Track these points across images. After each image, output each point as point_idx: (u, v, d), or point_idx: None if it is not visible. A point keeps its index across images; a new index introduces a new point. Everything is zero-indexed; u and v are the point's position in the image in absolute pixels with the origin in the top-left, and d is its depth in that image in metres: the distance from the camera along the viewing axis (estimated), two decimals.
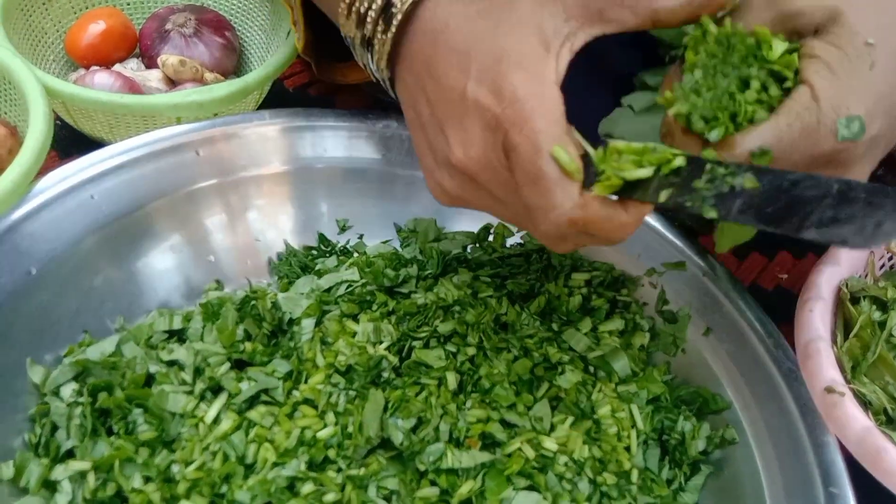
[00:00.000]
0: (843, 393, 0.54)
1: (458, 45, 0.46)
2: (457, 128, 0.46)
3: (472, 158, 0.46)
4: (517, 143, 0.43)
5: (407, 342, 0.59)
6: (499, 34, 0.45)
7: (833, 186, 0.38)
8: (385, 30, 0.49)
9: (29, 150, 0.60)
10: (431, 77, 0.47)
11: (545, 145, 0.43)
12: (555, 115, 0.44)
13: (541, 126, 0.43)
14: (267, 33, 0.88)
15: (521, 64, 0.44)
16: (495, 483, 0.53)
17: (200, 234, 0.67)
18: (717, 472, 0.59)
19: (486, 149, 0.45)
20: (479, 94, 0.44)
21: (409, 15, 0.48)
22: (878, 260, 0.66)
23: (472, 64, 0.45)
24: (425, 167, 0.51)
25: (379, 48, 0.50)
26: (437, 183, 0.50)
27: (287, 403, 0.56)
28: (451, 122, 0.46)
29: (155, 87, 0.82)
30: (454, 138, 0.46)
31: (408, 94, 0.50)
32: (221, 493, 0.52)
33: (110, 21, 0.85)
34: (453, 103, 0.46)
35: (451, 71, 0.46)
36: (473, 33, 0.46)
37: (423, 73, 0.48)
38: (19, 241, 0.59)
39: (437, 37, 0.47)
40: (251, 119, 0.68)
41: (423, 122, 0.49)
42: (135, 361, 0.57)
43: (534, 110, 0.43)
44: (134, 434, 0.54)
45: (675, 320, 0.65)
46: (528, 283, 0.65)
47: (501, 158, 0.45)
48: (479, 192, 0.48)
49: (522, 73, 0.44)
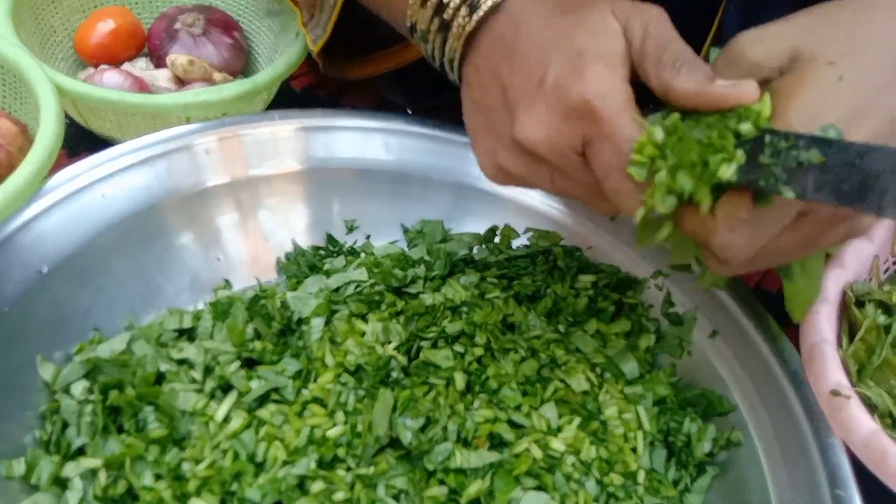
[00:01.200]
0: (849, 396, 0.54)
1: (539, 40, 0.48)
2: (529, 110, 0.48)
3: (539, 137, 0.48)
4: (608, 132, 0.46)
5: (415, 342, 0.60)
6: (580, 31, 0.48)
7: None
8: (469, 14, 0.51)
9: (40, 148, 0.61)
10: (509, 63, 0.49)
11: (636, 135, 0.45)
12: (634, 112, 0.46)
13: (628, 118, 0.45)
14: (275, 34, 0.89)
15: (602, 59, 0.47)
16: (504, 483, 0.54)
17: (210, 233, 0.67)
18: (722, 474, 0.59)
19: (560, 131, 0.47)
20: (561, 82, 0.47)
21: (497, 4, 0.51)
22: (883, 264, 0.67)
23: (553, 56, 0.48)
24: (483, 149, 0.53)
25: (457, 31, 0.52)
26: (494, 163, 0.52)
27: (297, 402, 0.56)
28: (521, 105, 0.48)
29: (163, 86, 0.83)
30: (523, 118, 0.48)
31: (476, 76, 0.52)
32: (232, 491, 0.52)
33: (119, 20, 0.85)
34: (528, 89, 0.48)
35: (530, 60, 0.48)
36: (555, 29, 0.48)
37: (499, 58, 0.50)
38: (30, 240, 0.59)
39: (519, 27, 0.50)
40: (262, 119, 0.68)
41: (490, 103, 0.51)
42: (145, 360, 0.58)
43: (622, 103, 0.46)
44: (144, 432, 0.54)
45: (681, 322, 0.65)
46: (535, 285, 0.65)
47: (575, 144, 0.47)
48: (541, 171, 0.50)
49: (605, 68, 0.46)
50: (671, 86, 0.46)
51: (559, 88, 0.47)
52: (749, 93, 0.44)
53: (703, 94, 0.45)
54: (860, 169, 0.39)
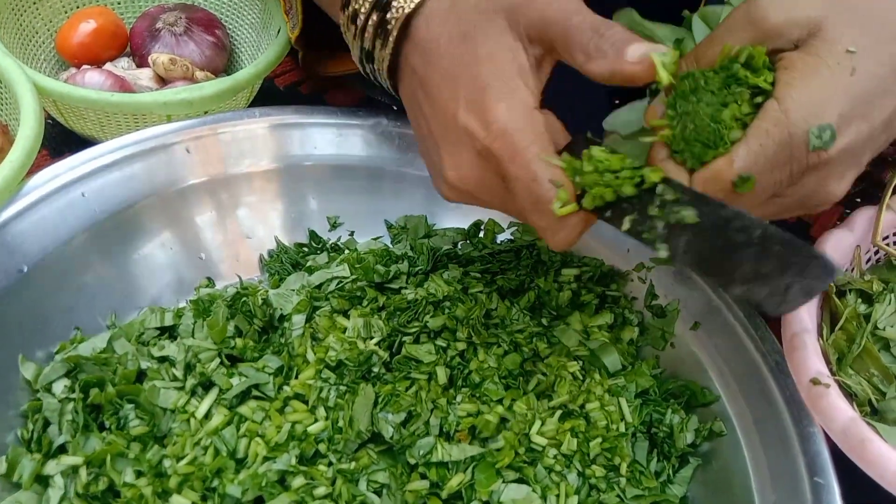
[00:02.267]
0: (829, 385, 0.55)
1: (447, 71, 0.49)
2: (450, 151, 0.50)
3: (466, 179, 0.50)
4: (513, 173, 0.46)
5: (397, 337, 0.60)
6: (481, 61, 0.48)
7: (756, 231, 0.39)
8: (383, 45, 0.52)
9: (20, 148, 0.60)
10: (427, 95, 0.50)
11: (540, 173, 0.46)
12: (542, 141, 0.47)
13: (531, 155, 0.46)
14: (257, 31, 0.89)
15: (502, 95, 0.47)
16: (485, 476, 0.54)
17: (191, 231, 0.67)
18: (705, 465, 0.60)
19: (481, 172, 0.49)
20: (468, 124, 0.48)
21: (403, 30, 0.51)
22: (865, 254, 0.67)
23: (460, 91, 0.48)
24: (429, 169, 0.55)
25: (378, 63, 0.54)
26: (439, 189, 0.54)
27: (278, 398, 0.56)
28: (444, 144, 0.50)
29: (146, 85, 0.83)
30: (447, 160, 0.50)
31: (409, 105, 0.54)
32: (213, 487, 0.52)
33: (101, 20, 0.85)
34: (446, 126, 0.49)
35: (442, 94, 0.49)
36: (459, 59, 0.48)
37: (418, 89, 0.51)
38: (10, 239, 0.59)
39: (429, 57, 0.50)
40: (241, 116, 0.68)
41: (423, 134, 0.53)
42: (126, 357, 0.58)
43: (521, 141, 0.46)
44: (125, 429, 0.54)
45: (664, 315, 0.66)
46: (518, 279, 0.65)
47: (497, 180, 0.49)
48: (479, 198, 0.52)
49: (505, 104, 0.47)
50: (589, 72, 0.46)
51: (469, 133, 0.48)
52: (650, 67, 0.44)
53: (617, 74, 0.45)
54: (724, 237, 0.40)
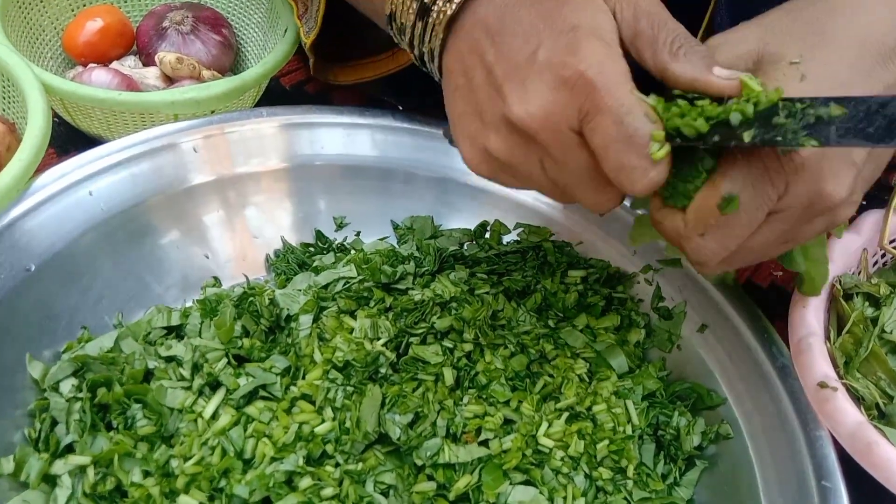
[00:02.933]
0: (836, 388, 0.55)
1: (524, 18, 0.47)
2: (518, 87, 0.46)
3: (533, 114, 0.45)
4: (607, 104, 0.43)
5: (404, 338, 0.60)
6: (568, 10, 0.46)
7: None
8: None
9: (28, 146, 0.60)
10: (494, 43, 0.48)
11: (636, 106, 0.43)
12: (632, 84, 0.45)
13: (627, 89, 0.44)
14: (264, 31, 0.89)
15: (594, 33, 0.45)
16: (492, 478, 0.54)
17: (198, 230, 0.67)
18: (711, 467, 0.60)
19: (555, 106, 0.45)
20: (553, 55, 0.45)
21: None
22: (871, 257, 0.67)
23: (542, 33, 0.46)
24: (467, 134, 0.51)
25: (437, 17, 0.50)
26: (480, 148, 0.49)
27: (285, 399, 0.56)
28: (511, 82, 0.46)
29: (152, 84, 0.83)
30: (514, 96, 0.46)
31: (458, 62, 0.50)
32: (220, 487, 0.52)
33: (108, 18, 0.85)
34: (517, 67, 0.46)
35: (517, 38, 0.47)
36: (542, 7, 0.47)
37: (483, 40, 0.48)
38: (18, 238, 0.59)
39: (503, 10, 0.48)
40: (249, 116, 0.68)
41: (475, 85, 0.49)
42: (133, 357, 0.58)
43: (618, 74, 0.44)
44: (133, 429, 0.54)
45: (671, 317, 0.66)
46: (525, 280, 0.65)
47: (570, 119, 0.45)
48: (529, 154, 0.48)
49: (598, 42, 0.45)
50: (669, 69, 0.45)
51: (553, 62, 0.45)
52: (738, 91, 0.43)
53: (700, 82, 0.44)
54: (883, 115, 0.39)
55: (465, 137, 0.51)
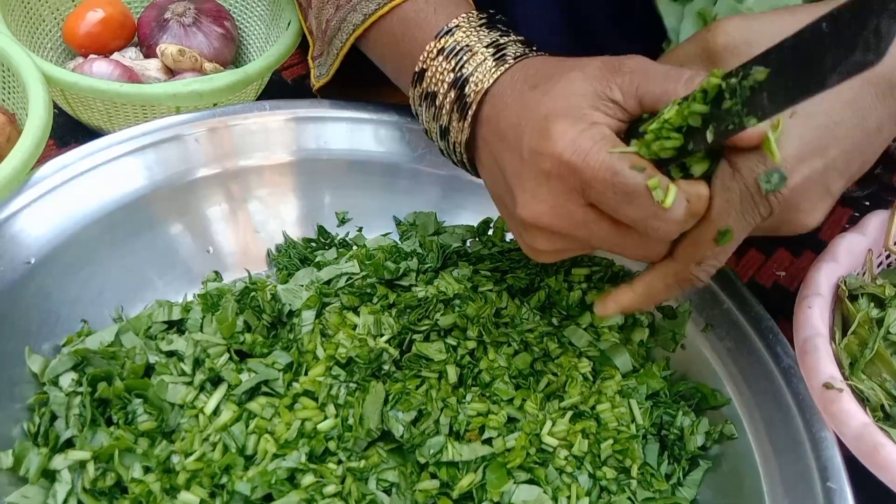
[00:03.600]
0: (842, 389, 0.54)
1: (513, 118, 0.49)
2: (522, 190, 0.48)
3: (545, 212, 0.47)
4: (591, 176, 0.45)
5: (407, 335, 0.59)
6: (545, 99, 0.47)
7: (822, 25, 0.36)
8: (461, 118, 0.53)
9: (29, 137, 0.60)
10: (498, 150, 0.51)
11: (618, 165, 0.44)
12: (610, 139, 0.45)
13: (603, 154, 0.44)
14: (266, 24, 0.88)
15: (564, 115, 0.46)
16: (496, 476, 0.53)
17: (200, 224, 0.66)
18: (715, 468, 0.59)
19: (555, 197, 0.47)
20: (534, 149, 0.47)
21: (480, 103, 0.52)
22: (877, 258, 0.67)
23: (524, 129, 0.48)
24: (514, 234, 0.53)
25: (456, 135, 0.55)
26: (528, 246, 0.52)
27: (287, 395, 0.56)
28: (516, 185, 0.49)
29: (153, 76, 0.82)
30: (519, 198, 0.48)
31: (486, 173, 0.54)
32: (221, 483, 0.52)
33: (109, 9, 0.84)
34: (516, 168, 0.49)
35: (510, 143, 0.49)
36: (524, 104, 0.49)
37: (494, 146, 0.51)
38: (18, 231, 0.58)
39: (500, 115, 0.50)
40: (252, 109, 0.68)
41: (500, 190, 0.52)
42: (134, 352, 0.57)
43: (590, 146, 0.45)
44: (133, 424, 0.53)
45: (675, 316, 0.65)
46: (528, 278, 0.65)
47: (575, 199, 0.46)
48: (567, 239, 0.49)
49: (567, 119, 0.46)
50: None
51: (534, 156, 0.47)
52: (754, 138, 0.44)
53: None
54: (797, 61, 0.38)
55: (514, 235, 0.54)
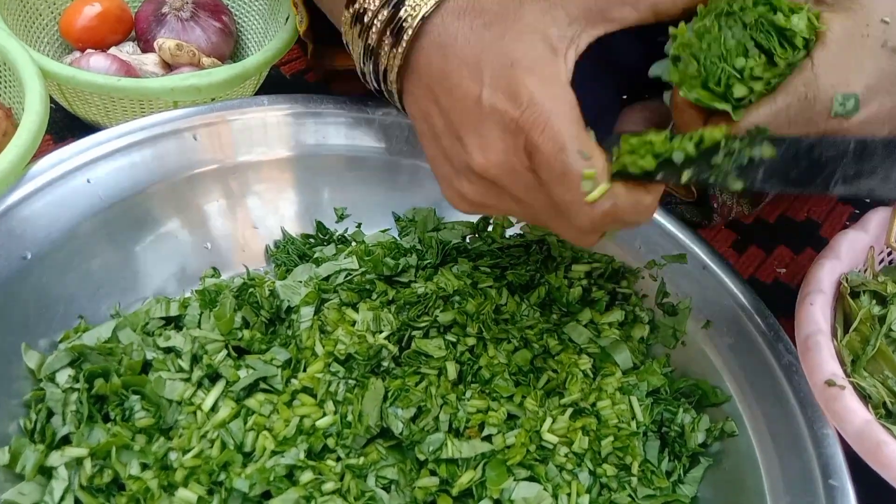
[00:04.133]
0: (844, 386, 0.54)
1: (468, 57, 0.47)
2: (474, 134, 0.47)
3: (493, 162, 0.46)
4: (539, 143, 0.44)
5: (407, 332, 0.59)
6: (506, 42, 0.46)
7: (849, 145, 0.39)
8: (394, 44, 0.50)
9: (25, 132, 0.59)
10: (443, 88, 0.48)
11: (569, 143, 0.44)
12: (572, 115, 0.45)
13: (560, 126, 0.44)
14: (264, 18, 0.88)
15: (532, 68, 0.45)
16: (496, 473, 0.53)
17: (198, 220, 0.66)
18: (716, 465, 0.59)
19: (507, 152, 0.46)
20: (495, 100, 0.45)
21: (418, 30, 0.49)
22: (878, 255, 0.67)
23: (484, 72, 0.46)
24: (442, 176, 0.52)
25: (387, 62, 0.51)
26: (456, 191, 0.51)
27: (286, 391, 0.55)
28: (467, 130, 0.47)
29: (151, 70, 0.81)
30: (472, 145, 0.47)
31: (417, 107, 0.52)
32: (219, 480, 0.51)
33: (106, 3, 0.83)
34: (468, 111, 0.47)
35: (463, 81, 0.47)
36: (482, 43, 0.47)
37: (433, 85, 0.49)
38: (14, 226, 0.58)
39: (446, 50, 0.48)
40: (250, 104, 0.67)
41: (437, 132, 0.50)
42: (131, 348, 0.57)
43: (551, 111, 0.44)
44: (131, 421, 0.53)
45: (675, 313, 0.65)
46: (528, 274, 0.64)
47: (523, 160, 0.46)
48: (501, 195, 0.49)
49: (535, 77, 0.45)
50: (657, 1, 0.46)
51: (495, 107, 0.45)
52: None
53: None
54: (809, 159, 0.40)
55: (441, 180, 0.52)
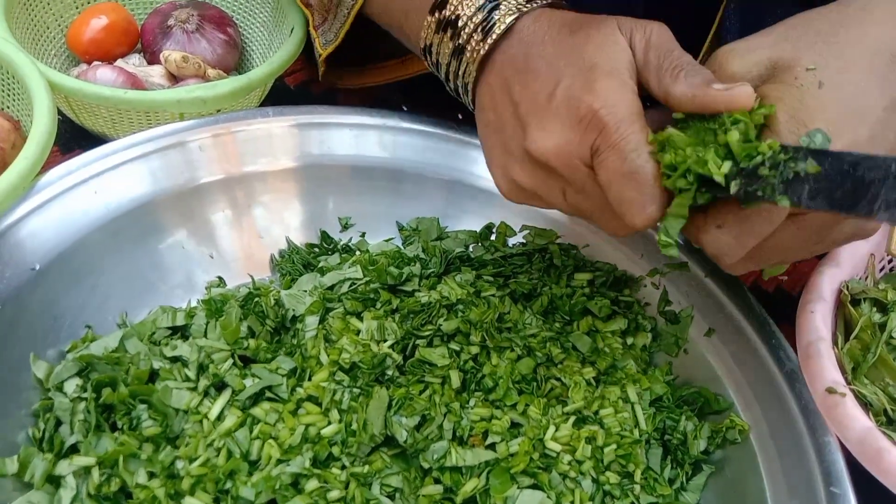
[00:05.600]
0: (845, 394, 0.54)
1: (550, 56, 0.51)
2: (539, 123, 0.50)
3: (552, 149, 0.49)
4: (614, 141, 0.47)
5: (411, 340, 0.60)
6: (589, 48, 0.49)
7: (891, 165, 0.39)
8: (482, 39, 0.54)
9: (34, 144, 0.60)
10: (520, 81, 0.51)
11: (642, 146, 0.46)
12: (642, 122, 0.47)
13: (634, 128, 0.46)
14: (269, 30, 0.88)
15: (611, 73, 0.48)
16: (499, 481, 0.54)
17: (204, 230, 0.67)
18: (718, 472, 0.59)
19: (571, 143, 0.48)
20: (571, 94, 0.48)
21: (507, 28, 0.53)
22: (879, 262, 0.67)
23: (564, 70, 0.49)
24: (498, 164, 0.55)
25: (471, 55, 0.55)
26: (510, 178, 0.53)
27: (291, 400, 0.56)
28: (533, 118, 0.50)
29: (157, 82, 0.82)
30: (535, 131, 0.50)
31: (489, 97, 0.54)
32: (226, 489, 0.52)
33: (112, 16, 0.84)
34: (538, 103, 0.50)
35: (540, 76, 0.50)
36: (565, 46, 0.50)
37: (511, 77, 0.52)
38: (23, 237, 0.59)
39: (530, 48, 0.52)
40: (255, 115, 0.68)
41: (503, 120, 0.53)
42: (138, 357, 0.57)
43: (626, 114, 0.47)
44: (138, 430, 0.54)
45: (678, 321, 0.65)
46: (531, 283, 0.65)
47: (584, 155, 0.48)
48: (552, 185, 0.51)
49: (615, 81, 0.48)
50: (670, 91, 0.47)
51: (570, 100, 0.48)
52: (742, 97, 0.45)
53: (699, 98, 0.46)
54: (853, 177, 0.40)
55: (496, 168, 0.55)
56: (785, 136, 0.44)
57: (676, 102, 0.47)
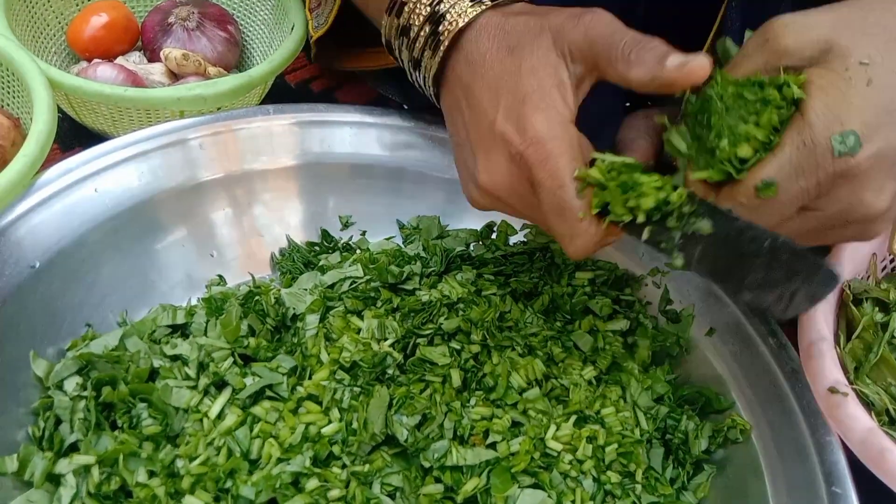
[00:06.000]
0: (847, 394, 0.54)
1: (490, 81, 0.51)
2: (484, 156, 0.52)
3: (497, 184, 0.51)
4: (541, 178, 0.48)
5: (411, 339, 0.59)
6: (523, 73, 0.50)
7: (766, 241, 0.41)
8: (433, 54, 0.55)
9: (34, 141, 0.60)
10: (468, 103, 0.53)
11: (567, 181, 0.48)
12: (572, 153, 0.48)
13: (562, 164, 0.48)
14: (270, 28, 0.88)
15: (539, 106, 0.49)
16: (500, 480, 0.53)
17: (204, 228, 0.67)
18: (719, 472, 0.59)
19: (511, 178, 0.51)
20: (505, 130, 0.50)
21: (454, 42, 0.54)
22: (880, 262, 0.67)
23: (500, 100, 0.50)
24: (461, 178, 0.57)
25: (426, 69, 0.56)
26: (472, 195, 0.55)
27: (291, 399, 0.55)
28: (480, 149, 0.52)
29: (157, 80, 0.82)
30: (482, 164, 0.52)
31: (449, 112, 0.56)
32: (226, 488, 0.51)
33: (113, 14, 0.84)
34: (483, 132, 0.52)
35: (482, 102, 0.52)
36: (503, 70, 0.51)
37: (461, 97, 0.54)
38: (23, 235, 0.59)
39: (475, 68, 0.53)
40: (256, 113, 0.68)
41: (461, 140, 0.55)
42: (138, 356, 0.57)
43: (553, 149, 0.48)
44: (138, 428, 0.53)
45: (679, 320, 0.65)
46: (532, 282, 0.65)
47: (526, 186, 0.50)
48: (506, 206, 0.54)
49: (542, 115, 0.49)
50: (629, 79, 0.48)
51: (504, 135, 0.50)
52: (696, 71, 0.45)
53: (658, 79, 0.46)
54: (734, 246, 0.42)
55: (462, 181, 0.57)
56: (816, 127, 0.43)
57: (639, 87, 0.47)
